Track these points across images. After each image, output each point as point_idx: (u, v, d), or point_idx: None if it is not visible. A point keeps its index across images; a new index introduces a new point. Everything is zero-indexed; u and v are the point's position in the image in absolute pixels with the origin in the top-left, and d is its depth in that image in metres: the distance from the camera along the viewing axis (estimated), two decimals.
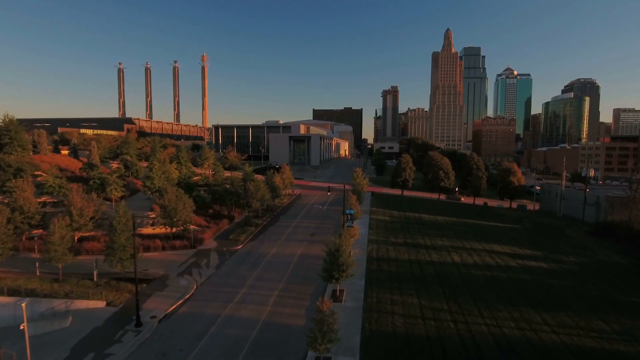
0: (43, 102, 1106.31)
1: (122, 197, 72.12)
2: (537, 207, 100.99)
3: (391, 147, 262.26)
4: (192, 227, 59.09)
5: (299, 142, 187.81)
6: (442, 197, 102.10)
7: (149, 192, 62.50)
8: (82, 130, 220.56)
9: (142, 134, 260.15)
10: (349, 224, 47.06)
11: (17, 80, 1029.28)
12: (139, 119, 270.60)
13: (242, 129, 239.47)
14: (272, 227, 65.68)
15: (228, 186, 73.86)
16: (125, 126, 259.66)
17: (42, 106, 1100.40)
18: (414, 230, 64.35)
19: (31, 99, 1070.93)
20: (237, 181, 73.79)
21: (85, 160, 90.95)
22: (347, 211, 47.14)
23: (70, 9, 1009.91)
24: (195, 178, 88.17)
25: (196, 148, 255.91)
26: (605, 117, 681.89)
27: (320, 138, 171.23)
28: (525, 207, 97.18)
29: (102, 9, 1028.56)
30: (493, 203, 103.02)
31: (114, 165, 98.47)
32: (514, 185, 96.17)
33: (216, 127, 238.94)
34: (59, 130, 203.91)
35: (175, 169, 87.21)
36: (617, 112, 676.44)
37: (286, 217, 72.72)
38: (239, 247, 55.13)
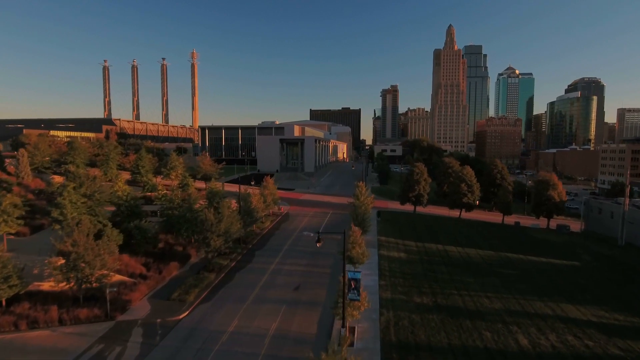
0: (22, 102, 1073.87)
1: (38, 228, 52.77)
2: (581, 226, 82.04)
3: (393, 150, 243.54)
4: (116, 278, 39.82)
5: (292, 145, 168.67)
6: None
7: (57, 227, 43.15)
8: (53, 133, 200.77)
9: (122, 135, 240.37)
10: (352, 296, 27.86)
11: None
12: (119, 119, 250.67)
13: (231, 130, 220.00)
14: (242, 272, 46.36)
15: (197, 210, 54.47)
16: (104, 127, 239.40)
17: (21, 106, 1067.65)
18: (443, 277, 45.13)
19: (7, 98, 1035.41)
20: (196, 203, 54.55)
21: (13, 170, 71.45)
22: (350, 275, 27.88)
23: (52, 4, 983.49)
24: (151, 194, 69.18)
25: (182, 151, 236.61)
26: (609, 117, 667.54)
27: (316, 141, 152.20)
28: (569, 228, 78.23)
29: (86, 4, 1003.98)
30: (524, 221, 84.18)
31: (56, 178, 78.92)
32: (554, 202, 77.25)
33: (202, 129, 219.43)
34: (24, 132, 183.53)
35: (124, 183, 67.83)
36: (621, 112, 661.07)
37: (264, 252, 53.40)
38: (182, 317, 35.75)
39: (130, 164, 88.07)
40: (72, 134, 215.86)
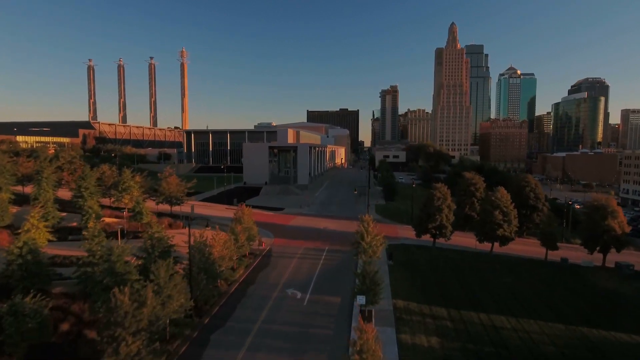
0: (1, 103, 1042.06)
1: None
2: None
3: (396, 156, 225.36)
4: None
5: (285, 152, 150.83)
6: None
7: None
8: (22, 138, 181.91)
9: (101, 140, 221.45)
10: None
11: None
12: (99, 122, 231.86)
13: (219, 134, 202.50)
14: None
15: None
16: (81, 131, 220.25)
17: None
18: None
19: None
20: (123, 258, 36.60)
21: None
22: None
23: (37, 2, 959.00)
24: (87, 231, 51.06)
25: (167, 157, 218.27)
26: (611, 118, 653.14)
27: (310, 148, 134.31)
28: (633, 268, 60.65)
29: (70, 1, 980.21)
30: (569, 254, 66.68)
31: None
32: (614, 234, 59.76)
33: (188, 133, 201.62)
34: None
35: (46, 223, 49.69)
36: (625, 113, 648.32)
37: (224, 335, 35.30)
38: None
39: (75, 180, 69.93)
40: (44, 139, 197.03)
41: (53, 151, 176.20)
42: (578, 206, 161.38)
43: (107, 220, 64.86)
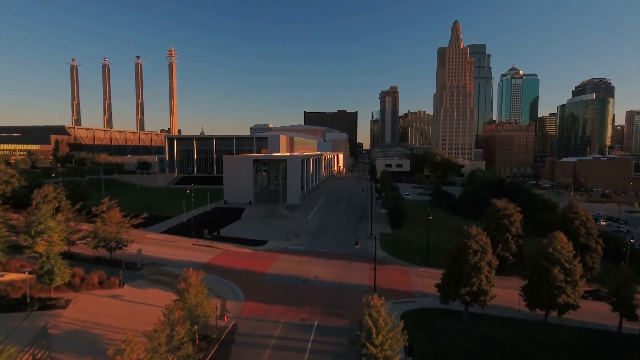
0: None
1: None
2: None
3: (399, 165, 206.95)
4: None
5: (275, 163, 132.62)
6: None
7: None
8: None
9: (76, 147, 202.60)
10: None
11: None
12: (74, 127, 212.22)
13: (205, 141, 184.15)
14: None
15: None
16: (53, 137, 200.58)
17: None
18: None
19: None
20: None
21: None
22: None
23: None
24: None
25: (146, 166, 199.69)
26: (616, 119, 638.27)
27: (303, 161, 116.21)
28: None
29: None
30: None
31: None
32: None
33: (170, 139, 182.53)
34: None
35: None
36: (630, 115, 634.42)
37: None
38: None
39: None
40: (9, 146, 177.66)
41: (14, 160, 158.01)
42: (604, 222, 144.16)
43: (10, 277, 46.67)
